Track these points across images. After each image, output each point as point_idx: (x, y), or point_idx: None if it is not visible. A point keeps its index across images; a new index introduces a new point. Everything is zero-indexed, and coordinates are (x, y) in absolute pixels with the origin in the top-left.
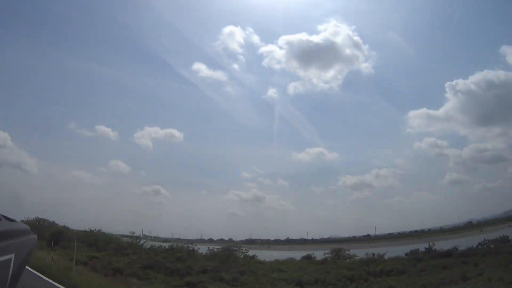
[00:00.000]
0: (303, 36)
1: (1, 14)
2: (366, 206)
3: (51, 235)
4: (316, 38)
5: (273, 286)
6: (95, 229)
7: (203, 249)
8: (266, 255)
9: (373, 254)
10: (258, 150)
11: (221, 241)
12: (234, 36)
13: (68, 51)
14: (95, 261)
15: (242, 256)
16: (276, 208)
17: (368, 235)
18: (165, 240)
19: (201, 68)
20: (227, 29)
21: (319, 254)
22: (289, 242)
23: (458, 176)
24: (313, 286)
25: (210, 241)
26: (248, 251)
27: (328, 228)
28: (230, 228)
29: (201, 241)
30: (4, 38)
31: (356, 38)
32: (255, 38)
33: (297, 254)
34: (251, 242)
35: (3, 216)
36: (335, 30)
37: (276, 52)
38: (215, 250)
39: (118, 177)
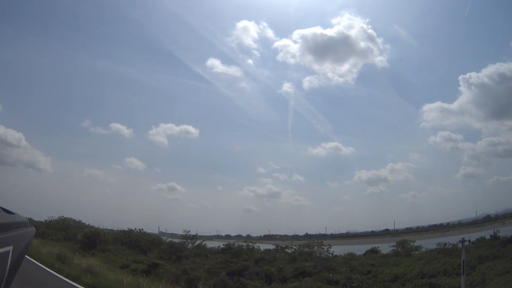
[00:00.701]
0: (317, 30)
1: (13, 13)
2: (381, 200)
3: (85, 236)
4: (330, 32)
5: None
6: (136, 229)
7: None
8: None
9: (444, 244)
10: (274, 146)
11: (239, 237)
12: (248, 31)
13: (80, 49)
14: (159, 269)
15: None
16: (292, 203)
17: (387, 230)
18: (184, 236)
19: (215, 64)
20: (241, 24)
21: (359, 248)
22: (308, 238)
23: (472, 170)
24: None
25: (228, 237)
26: (330, 247)
27: (344, 223)
28: (246, 224)
29: (219, 237)
30: (15, 37)
31: (370, 31)
32: (269, 33)
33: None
34: (269, 238)
35: (1, 208)
36: (349, 23)
37: (290, 46)
38: (294, 248)
39: (133, 174)
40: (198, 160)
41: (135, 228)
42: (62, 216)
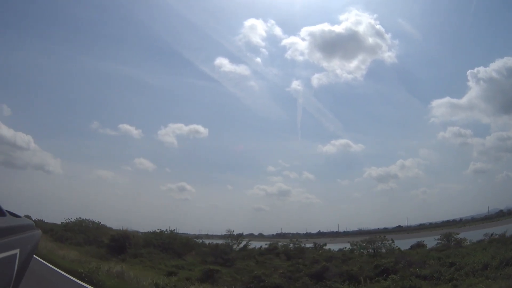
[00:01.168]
0: (325, 27)
1: (19, 17)
2: (391, 197)
3: (112, 240)
4: (338, 28)
5: None
6: (167, 230)
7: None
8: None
9: (492, 234)
10: (283, 144)
11: (251, 236)
12: (256, 29)
13: (86, 51)
14: (222, 277)
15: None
16: (302, 201)
17: (400, 226)
18: (196, 236)
19: (223, 63)
20: (249, 22)
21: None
22: (321, 235)
23: (481, 165)
24: None
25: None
26: (393, 241)
27: (354, 221)
28: (257, 222)
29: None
30: (22, 40)
31: (378, 27)
32: (277, 30)
33: None
34: (282, 236)
35: (8, 211)
36: (357, 19)
37: (299, 43)
38: (358, 243)
39: (143, 175)
40: (207, 159)
41: (166, 229)
42: (80, 218)
